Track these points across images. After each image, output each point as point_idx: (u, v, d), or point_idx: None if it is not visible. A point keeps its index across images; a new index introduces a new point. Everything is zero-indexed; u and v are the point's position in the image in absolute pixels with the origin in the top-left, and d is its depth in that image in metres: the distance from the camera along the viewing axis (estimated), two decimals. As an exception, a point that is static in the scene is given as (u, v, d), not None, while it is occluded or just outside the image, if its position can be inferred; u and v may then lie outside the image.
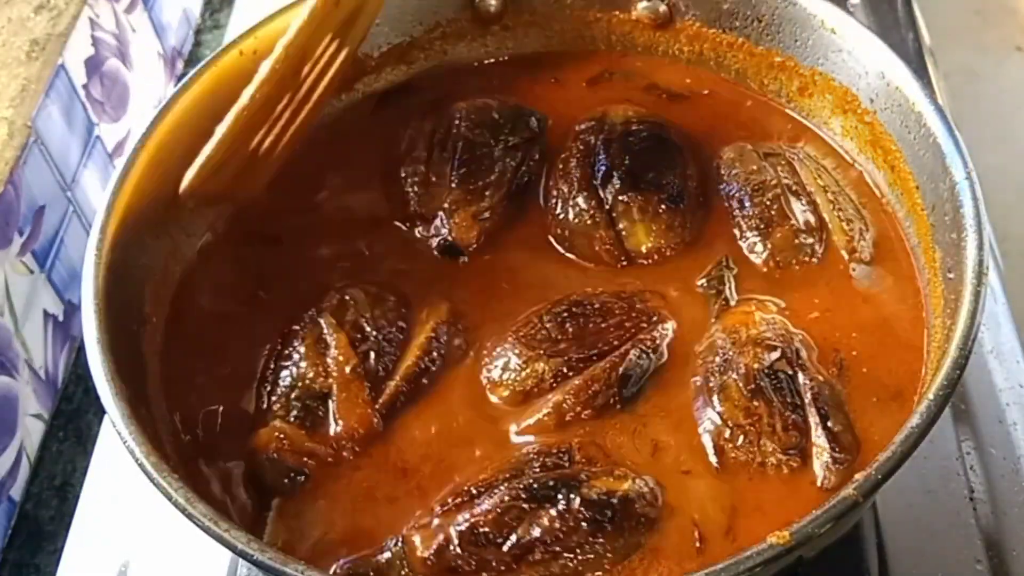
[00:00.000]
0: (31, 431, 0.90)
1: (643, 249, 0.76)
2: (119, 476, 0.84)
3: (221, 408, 0.71)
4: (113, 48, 1.07)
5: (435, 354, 0.72)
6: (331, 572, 0.61)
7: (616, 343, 0.70)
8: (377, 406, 0.69)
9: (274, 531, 0.65)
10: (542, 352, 0.70)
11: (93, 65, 1.03)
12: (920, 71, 0.98)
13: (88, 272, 0.69)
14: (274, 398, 0.70)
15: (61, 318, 0.95)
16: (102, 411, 0.64)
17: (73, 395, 0.96)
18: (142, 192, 0.75)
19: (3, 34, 0.98)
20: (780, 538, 0.55)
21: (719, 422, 0.66)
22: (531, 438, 0.67)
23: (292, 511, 0.66)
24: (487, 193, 0.80)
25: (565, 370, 0.69)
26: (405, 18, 0.89)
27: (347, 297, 0.74)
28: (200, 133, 0.80)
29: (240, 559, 0.75)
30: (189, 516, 0.59)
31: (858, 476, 0.57)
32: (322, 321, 0.72)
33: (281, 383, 0.71)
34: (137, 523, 0.82)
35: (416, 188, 0.81)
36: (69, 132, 0.98)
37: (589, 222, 0.77)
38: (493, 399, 0.70)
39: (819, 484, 0.64)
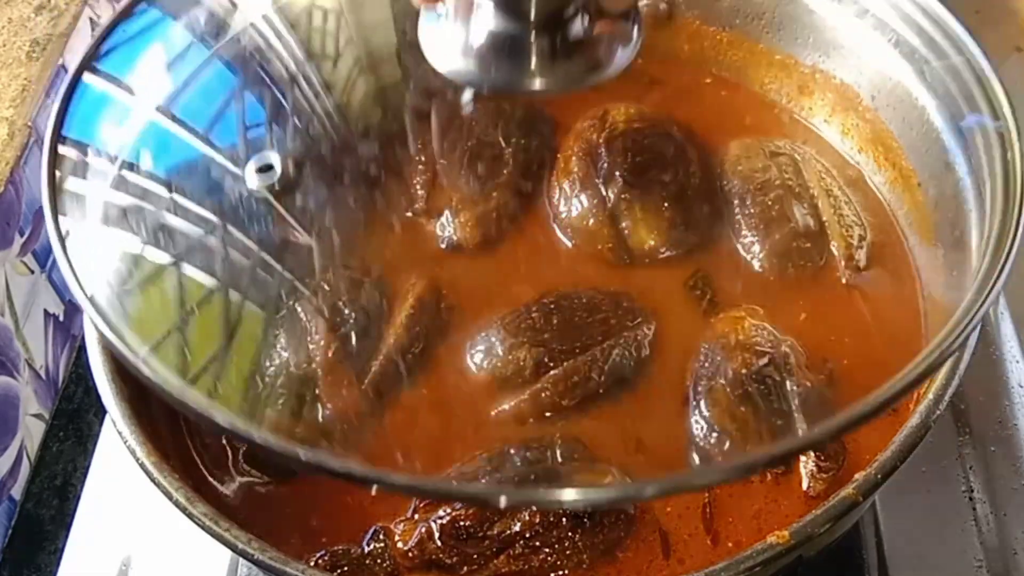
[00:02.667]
0: (32, 431, 0.90)
1: (646, 247, 0.76)
2: (119, 476, 0.84)
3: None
4: (113, 48, 1.07)
5: (417, 330, 0.72)
6: (312, 563, 0.62)
7: (600, 338, 0.70)
8: (363, 387, 0.70)
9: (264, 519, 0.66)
10: (525, 340, 0.70)
11: (93, 65, 1.03)
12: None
13: (88, 272, 0.69)
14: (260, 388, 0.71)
15: (62, 318, 0.95)
16: (103, 411, 0.65)
17: (74, 395, 0.96)
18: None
19: (3, 34, 0.98)
20: (780, 537, 0.55)
21: (706, 426, 0.66)
22: (509, 424, 0.68)
23: (279, 499, 0.66)
24: (494, 194, 0.80)
25: (546, 360, 0.69)
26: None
27: (322, 282, 0.75)
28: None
29: (240, 559, 0.75)
30: (189, 516, 0.59)
31: (858, 476, 0.57)
32: (299, 308, 0.73)
33: (266, 373, 0.71)
34: (137, 523, 0.82)
35: (423, 184, 0.81)
36: (69, 132, 0.98)
37: (592, 220, 0.77)
38: (476, 383, 0.70)
39: (804, 491, 0.64)
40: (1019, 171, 0.65)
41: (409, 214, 0.81)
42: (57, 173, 0.62)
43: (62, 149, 0.64)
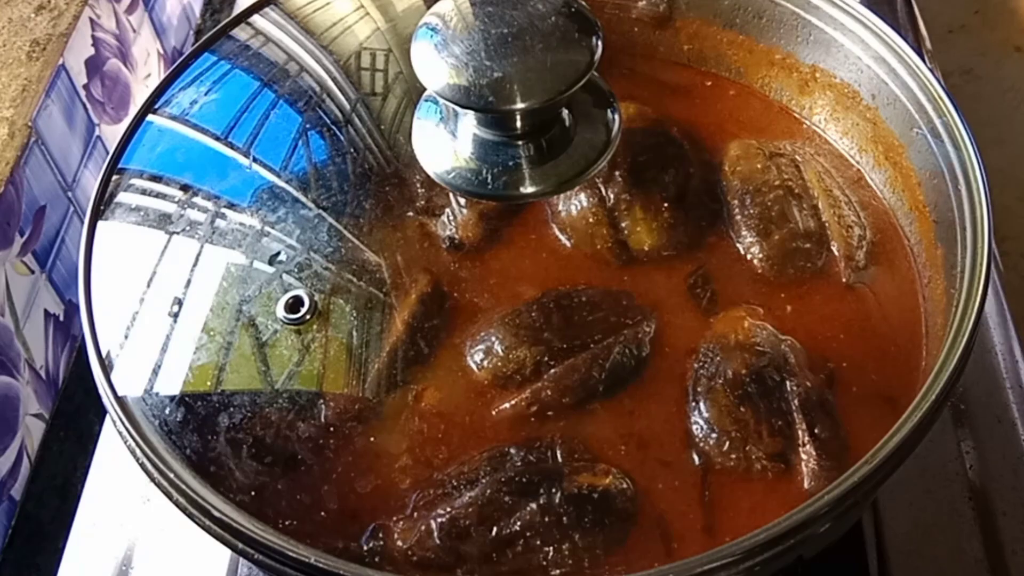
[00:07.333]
0: (32, 431, 0.90)
1: (645, 247, 0.76)
2: (119, 476, 0.84)
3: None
4: (114, 48, 1.08)
5: (419, 329, 0.72)
6: (312, 562, 0.62)
7: (600, 337, 0.70)
8: (365, 386, 0.70)
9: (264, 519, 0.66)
10: (525, 339, 0.70)
11: (94, 65, 1.03)
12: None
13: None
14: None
15: (62, 318, 0.95)
16: (103, 411, 0.65)
17: (74, 395, 0.96)
18: (142, 192, 0.75)
19: (4, 34, 0.98)
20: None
21: (705, 427, 0.66)
22: (509, 424, 0.68)
23: (278, 499, 0.66)
24: None
25: (547, 359, 0.69)
26: (405, 18, 0.89)
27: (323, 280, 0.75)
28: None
29: (241, 559, 0.75)
30: (190, 516, 0.59)
31: (858, 475, 0.57)
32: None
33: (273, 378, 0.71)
34: (137, 523, 0.83)
35: (424, 183, 0.81)
36: (70, 132, 0.98)
37: (591, 220, 0.77)
38: (476, 382, 0.70)
39: (805, 490, 0.64)
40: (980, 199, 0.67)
41: (410, 213, 0.81)
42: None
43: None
